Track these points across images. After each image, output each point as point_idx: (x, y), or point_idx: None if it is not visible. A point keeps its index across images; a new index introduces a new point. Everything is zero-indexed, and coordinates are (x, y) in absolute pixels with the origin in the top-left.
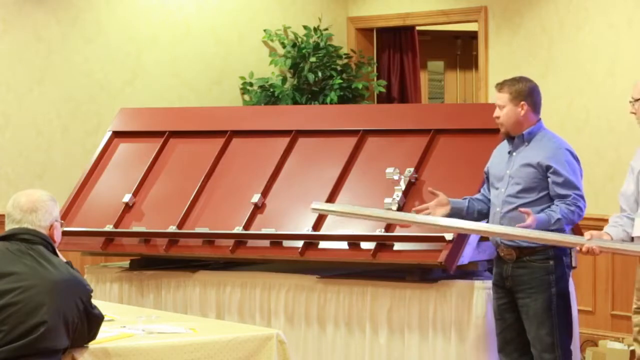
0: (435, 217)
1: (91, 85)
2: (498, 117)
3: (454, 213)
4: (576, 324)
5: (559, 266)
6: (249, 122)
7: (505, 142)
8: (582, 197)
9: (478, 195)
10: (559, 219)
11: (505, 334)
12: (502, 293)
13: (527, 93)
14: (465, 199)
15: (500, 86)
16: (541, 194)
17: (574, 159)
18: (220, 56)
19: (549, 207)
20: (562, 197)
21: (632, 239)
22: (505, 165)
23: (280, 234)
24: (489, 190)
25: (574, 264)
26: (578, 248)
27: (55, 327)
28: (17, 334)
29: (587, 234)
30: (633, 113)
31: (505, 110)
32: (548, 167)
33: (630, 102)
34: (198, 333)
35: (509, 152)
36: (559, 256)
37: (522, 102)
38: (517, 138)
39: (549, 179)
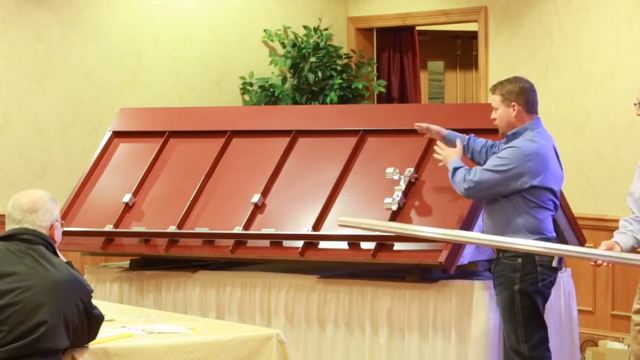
0: (467, 232)
1: (91, 85)
2: (494, 119)
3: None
4: (576, 324)
5: (527, 264)
6: (249, 122)
7: None
8: (480, 181)
9: (480, 139)
10: (454, 169)
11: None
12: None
13: (517, 93)
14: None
15: (493, 88)
16: (503, 197)
17: (521, 156)
18: (220, 56)
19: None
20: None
21: None
22: None
23: (280, 234)
24: None
25: (554, 264)
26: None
27: (56, 327)
28: (17, 334)
29: (603, 245)
30: (639, 115)
31: (498, 112)
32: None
33: (635, 104)
34: (198, 333)
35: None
36: (530, 255)
37: (513, 103)
38: (505, 138)
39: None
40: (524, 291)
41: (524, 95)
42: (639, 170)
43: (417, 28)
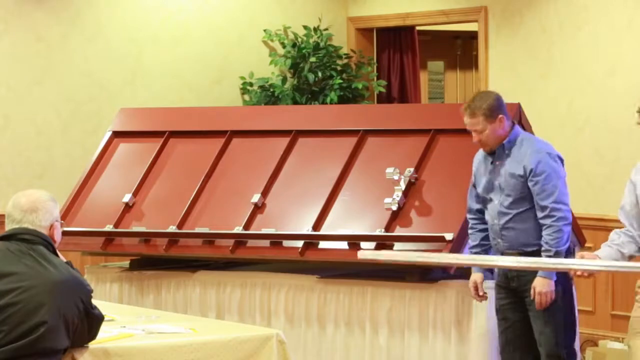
0: (498, 257)
1: (91, 85)
2: (479, 141)
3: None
4: (576, 323)
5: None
6: (249, 122)
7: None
8: (562, 203)
9: (479, 230)
10: (555, 252)
11: (507, 333)
12: (505, 293)
13: (497, 105)
14: (479, 247)
15: (470, 111)
16: (532, 204)
17: (555, 161)
18: (220, 56)
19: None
20: (542, 208)
21: (629, 259)
22: (492, 176)
23: (280, 234)
24: (482, 203)
25: None
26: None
27: (56, 327)
28: (17, 334)
29: (579, 255)
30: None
31: (486, 132)
32: (529, 173)
33: (638, 112)
34: (198, 333)
35: (492, 163)
36: (562, 256)
37: (499, 116)
38: (497, 149)
39: (532, 189)
40: (565, 291)
41: (501, 105)
42: (630, 184)
43: (417, 28)
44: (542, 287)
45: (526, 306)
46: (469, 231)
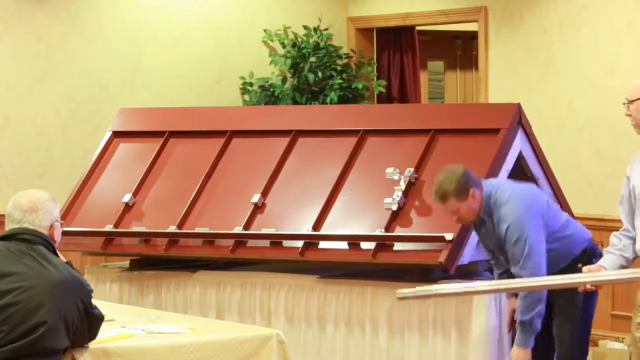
0: (539, 278)
1: (91, 85)
2: (458, 219)
3: None
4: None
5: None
6: (249, 122)
7: None
8: (526, 269)
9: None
10: (520, 322)
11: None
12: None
13: (465, 182)
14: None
15: (439, 197)
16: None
17: (521, 222)
18: (220, 56)
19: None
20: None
21: (633, 261)
22: (486, 240)
23: (280, 234)
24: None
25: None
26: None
27: (56, 327)
28: (17, 334)
29: (585, 269)
30: (628, 115)
31: (462, 211)
32: (503, 242)
33: (624, 103)
34: (198, 333)
35: (476, 230)
36: (585, 260)
37: (470, 191)
38: (476, 221)
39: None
40: (587, 293)
41: (469, 179)
42: (625, 178)
43: (417, 28)
44: (517, 357)
45: (550, 305)
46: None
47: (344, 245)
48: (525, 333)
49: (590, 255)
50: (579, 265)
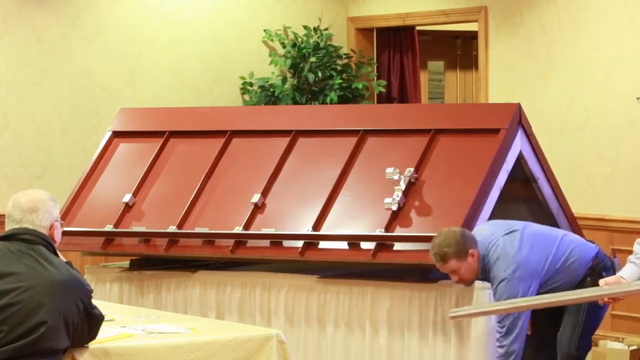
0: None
1: (91, 85)
2: (458, 280)
3: None
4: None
5: (595, 270)
6: (249, 122)
7: None
8: (506, 333)
9: None
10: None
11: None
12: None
13: (463, 242)
14: None
15: (441, 259)
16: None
17: (510, 281)
18: (220, 56)
19: None
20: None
21: None
22: None
23: (280, 234)
24: None
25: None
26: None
27: (56, 327)
28: (17, 334)
29: (602, 282)
30: None
31: (462, 271)
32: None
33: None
34: (198, 333)
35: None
36: (597, 269)
37: (470, 251)
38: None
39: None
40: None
41: (466, 239)
42: None
43: (417, 28)
44: None
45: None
46: None
47: (344, 245)
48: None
49: (600, 270)
50: (588, 279)
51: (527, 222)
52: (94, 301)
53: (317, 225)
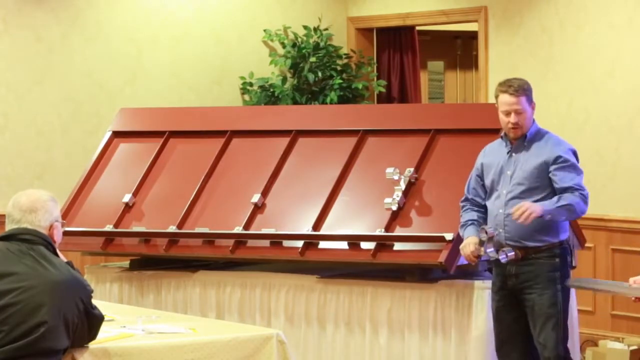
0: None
1: (91, 85)
2: (516, 123)
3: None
4: (576, 324)
5: (564, 265)
6: (249, 122)
7: (498, 140)
8: (585, 190)
9: (475, 211)
10: (567, 205)
11: (502, 335)
12: (502, 294)
13: (531, 91)
14: (473, 223)
15: (514, 90)
16: (544, 193)
17: (576, 157)
18: (220, 56)
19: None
20: (564, 190)
21: None
22: (504, 166)
23: (280, 234)
24: (484, 193)
25: (574, 264)
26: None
27: (56, 327)
28: (17, 334)
29: (632, 280)
30: None
31: (524, 115)
32: (553, 160)
33: None
34: (198, 333)
35: (509, 153)
36: (564, 255)
37: (533, 102)
38: (518, 141)
39: (553, 174)
40: (564, 290)
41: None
42: None
43: (417, 28)
44: (531, 208)
45: (524, 304)
46: (463, 210)
47: (344, 245)
48: (556, 210)
49: (563, 251)
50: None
51: None
52: (94, 301)
53: (317, 225)
